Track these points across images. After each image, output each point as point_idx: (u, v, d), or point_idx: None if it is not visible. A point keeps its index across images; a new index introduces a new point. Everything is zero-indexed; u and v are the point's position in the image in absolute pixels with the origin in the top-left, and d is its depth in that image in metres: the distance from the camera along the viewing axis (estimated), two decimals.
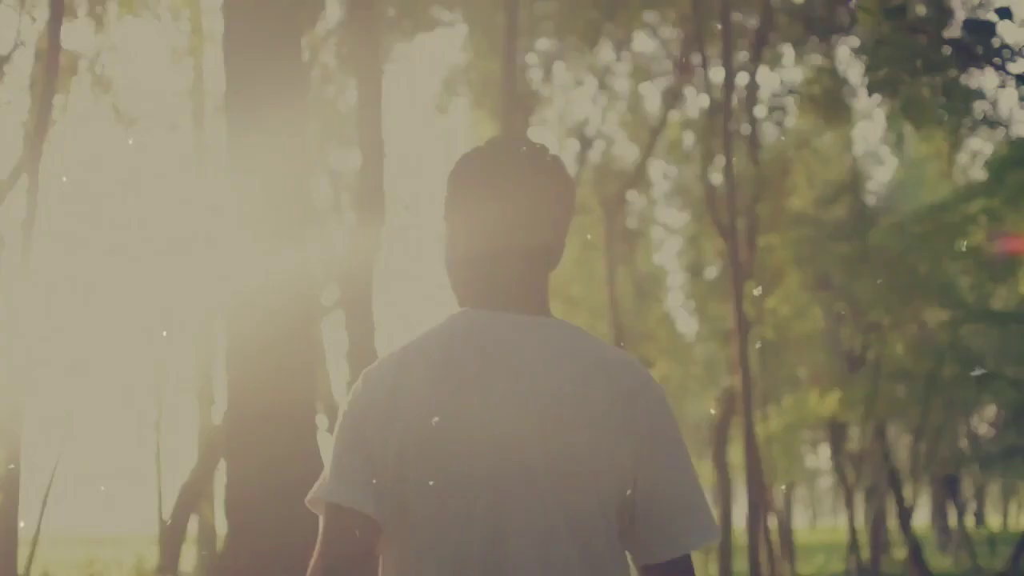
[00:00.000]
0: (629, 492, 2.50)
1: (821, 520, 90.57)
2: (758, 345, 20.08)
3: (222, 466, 17.51)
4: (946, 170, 22.92)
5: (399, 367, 2.51)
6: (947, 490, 36.59)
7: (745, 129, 21.41)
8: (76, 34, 20.71)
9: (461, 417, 2.43)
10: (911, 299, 16.92)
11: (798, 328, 21.36)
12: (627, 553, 2.55)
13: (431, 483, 2.42)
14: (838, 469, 23.41)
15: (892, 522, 40.53)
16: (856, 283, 17.20)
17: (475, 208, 2.60)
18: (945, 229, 15.07)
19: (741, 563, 29.61)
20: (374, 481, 2.47)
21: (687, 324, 36.11)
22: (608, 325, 24.38)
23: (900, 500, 24.84)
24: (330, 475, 2.50)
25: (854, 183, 19.63)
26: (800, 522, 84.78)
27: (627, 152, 28.02)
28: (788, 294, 17.56)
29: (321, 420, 23.37)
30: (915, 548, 23.27)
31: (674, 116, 25.34)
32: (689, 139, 27.65)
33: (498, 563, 2.40)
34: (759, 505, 9.04)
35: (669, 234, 32.28)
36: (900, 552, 36.44)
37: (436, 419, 2.42)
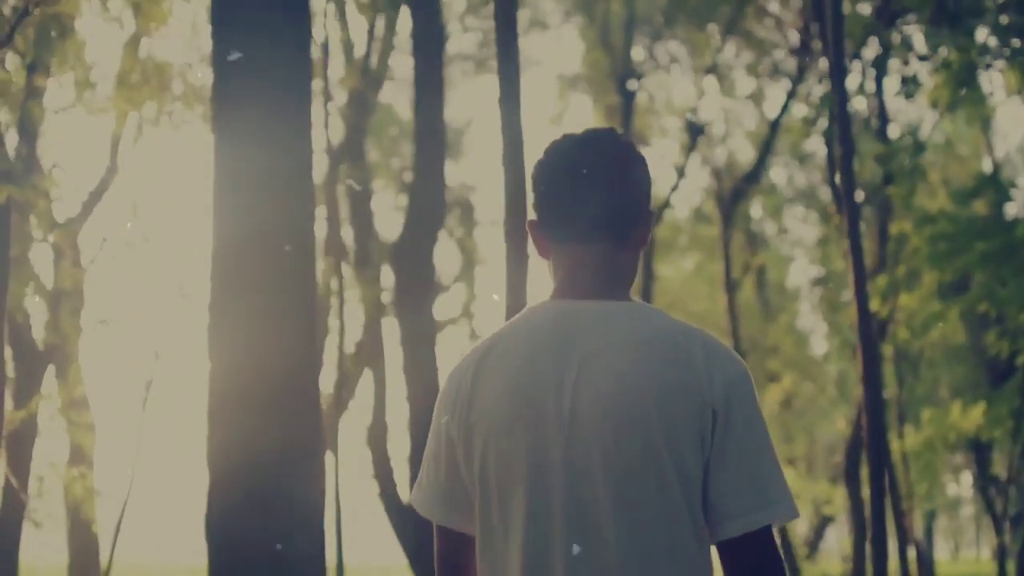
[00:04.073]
0: (705, 468, 2.51)
1: (964, 552, 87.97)
2: (889, 350, 18.37)
3: None
4: None
5: (478, 366, 2.62)
6: None
7: (872, 107, 19.95)
8: (169, 44, 19.99)
9: (535, 407, 2.51)
10: None
11: (936, 336, 20.03)
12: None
13: (505, 475, 2.52)
14: (983, 494, 21.80)
15: None
16: (1001, 284, 15.59)
17: (541, 209, 2.70)
18: None
19: None
20: (463, 489, 2.62)
21: (818, 341, 34.57)
22: (727, 337, 22.92)
23: None
24: (427, 484, 2.71)
25: (994, 179, 17.89)
26: (941, 553, 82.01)
27: (744, 151, 26.66)
28: (924, 296, 15.83)
29: None
30: None
31: (796, 110, 23.72)
32: (813, 141, 26.14)
33: (580, 559, 2.45)
34: (879, 533, 7.34)
35: (795, 244, 30.66)
36: None
37: (509, 411, 2.52)
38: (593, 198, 2.63)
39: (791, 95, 20.59)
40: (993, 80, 27.79)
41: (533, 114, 75.23)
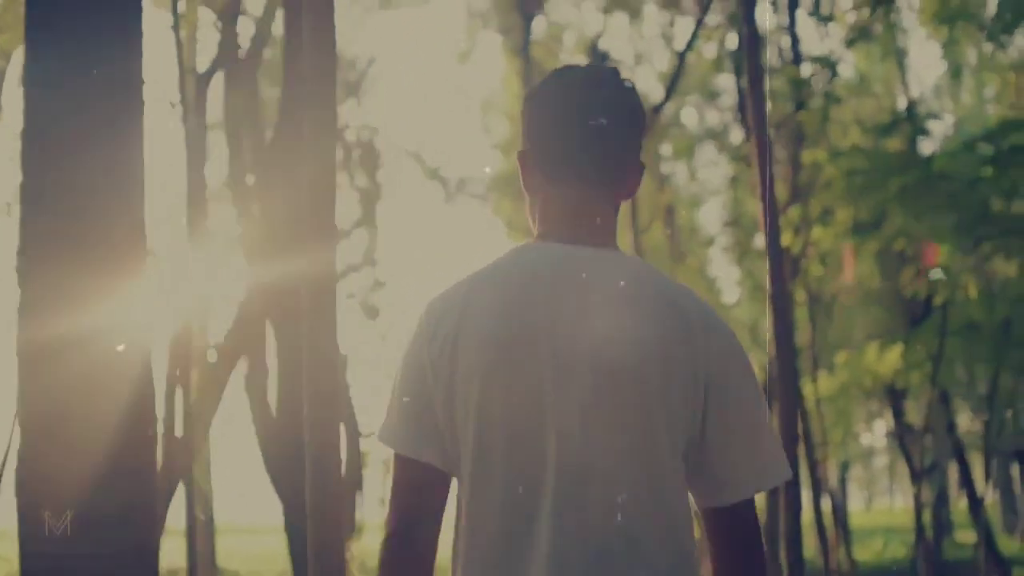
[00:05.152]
0: (697, 431, 2.52)
1: (877, 501, 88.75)
2: (802, 295, 17.61)
3: None
4: (1015, 100, 20.57)
5: (465, 297, 2.55)
6: (1019, 465, 34.19)
7: (784, 44, 19.21)
8: None
9: (530, 353, 2.47)
10: (983, 238, 14.70)
11: (850, 279, 19.37)
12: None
13: (497, 421, 2.47)
14: (899, 443, 21.20)
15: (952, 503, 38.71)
16: (919, 221, 14.89)
17: (540, 143, 2.64)
18: None
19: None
20: (437, 423, 2.54)
21: (730, 289, 34.01)
22: None
23: (967, 478, 22.93)
24: (397, 418, 2.59)
25: (911, 113, 17.22)
26: (855, 503, 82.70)
27: (653, 90, 25.83)
28: (839, 233, 15.04)
29: None
30: (987, 531, 20.78)
31: (705, 46, 22.90)
32: (722, 79, 25.48)
33: (568, 502, 2.44)
34: (790, 484, 6.44)
35: (706, 189, 29.95)
36: (964, 535, 34.44)
37: (503, 357, 2.47)
38: (604, 140, 2.60)
39: (699, 24, 19.72)
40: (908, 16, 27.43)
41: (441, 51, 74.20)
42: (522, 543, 2.49)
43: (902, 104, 24.45)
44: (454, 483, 2.63)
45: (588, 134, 2.60)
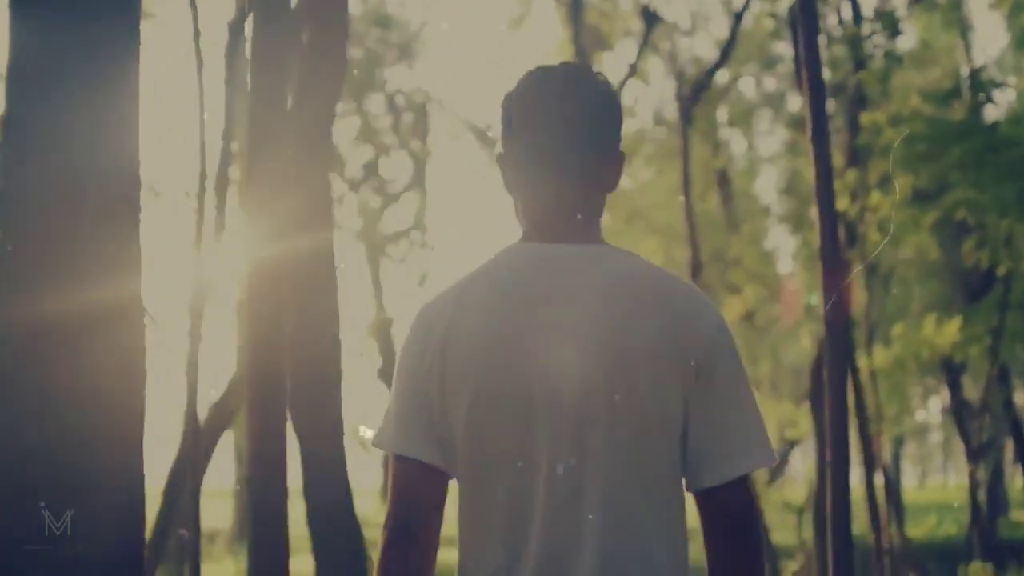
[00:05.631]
0: (686, 416, 2.56)
1: (931, 478, 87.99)
2: (857, 262, 17.14)
3: None
4: None
5: (455, 302, 2.59)
6: None
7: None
8: None
9: (519, 353, 2.51)
10: None
11: (908, 250, 18.91)
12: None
13: (489, 423, 2.52)
14: (957, 419, 20.72)
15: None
16: (981, 190, 14.45)
17: (518, 142, 2.68)
18: None
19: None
20: (434, 424, 2.59)
21: (786, 260, 33.54)
22: (686, 246, 21.70)
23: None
24: (392, 420, 2.65)
25: (975, 79, 16.72)
26: (908, 480, 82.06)
27: (708, 52, 25.45)
28: (898, 202, 14.57)
29: None
30: None
31: (762, 14, 22.40)
32: (780, 46, 24.98)
33: (562, 498, 2.49)
34: (841, 457, 6.08)
35: (763, 157, 29.43)
36: (1019, 514, 33.94)
37: (493, 357, 2.52)
38: (577, 136, 2.63)
39: None
40: None
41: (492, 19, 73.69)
42: (516, 542, 2.53)
43: (964, 74, 23.93)
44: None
45: (563, 132, 2.63)
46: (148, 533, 17.55)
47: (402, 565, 2.60)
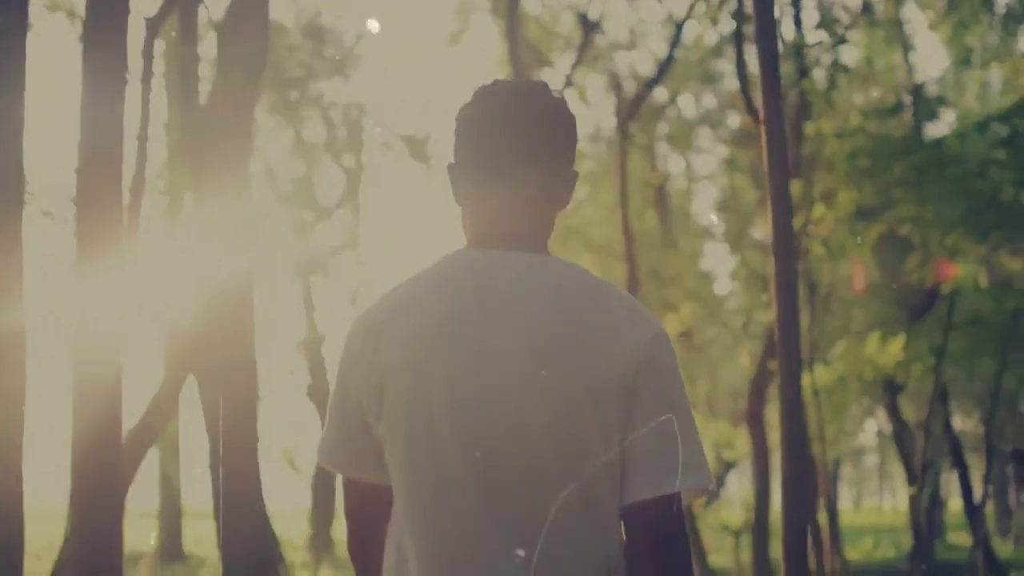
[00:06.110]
0: (621, 430, 2.50)
1: (865, 501, 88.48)
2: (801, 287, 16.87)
3: None
4: None
5: (387, 313, 2.56)
6: (1014, 467, 33.49)
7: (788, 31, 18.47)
8: None
9: (453, 364, 2.47)
10: (992, 228, 14.02)
11: (848, 270, 18.69)
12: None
13: (422, 431, 2.47)
14: (897, 440, 20.53)
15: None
16: (925, 208, 14.22)
17: (466, 149, 2.66)
18: None
19: (778, 548, 26.47)
20: (370, 440, 2.58)
21: (722, 282, 33.43)
22: (623, 263, 21.42)
23: (965, 479, 22.30)
24: (333, 439, 2.64)
25: (919, 94, 16.60)
26: (844, 503, 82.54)
27: (646, 68, 25.22)
28: (841, 217, 14.32)
29: None
30: (984, 534, 20.14)
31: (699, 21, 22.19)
32: (719, 63, 24.86)
33: (494, 520, 2.44)
34: (796, 477, 5.68)
35: (701, 173, 29.28)
36: (956, 537, 33.89)
37: (427, 369, 2.47)
38: (526, 148, 2.62)
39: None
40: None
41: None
42: (451, 548, 2.47)
43: (906, 92, 23.92)
44: None
45: (515, 143, 2.63)
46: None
47: (369, 571, 2.70)
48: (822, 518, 16.83)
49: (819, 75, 15.23)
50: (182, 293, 15.78)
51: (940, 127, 19.11)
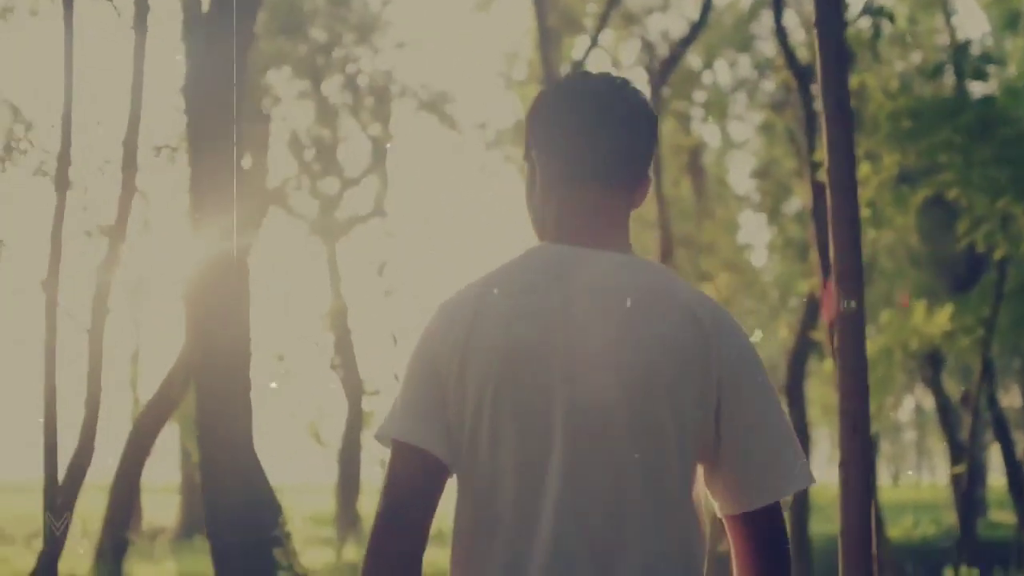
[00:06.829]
0: (712, 437, 2.53)
1: (904, 477, 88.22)
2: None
3: None
4: None
5: (478, 299, 2.55)
6: None
7: None
8: None
9: (541, 360, 2.48)
10: None
11: (891, 239, 18.19)
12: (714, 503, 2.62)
13: (506, 423, 2.48)
14: (941, 415, 19.97)
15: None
16: (972, 171, 13.70)
17: (558, 143, 2.65)
18: None
19: (818, 523, 25.78)
20: (446, 419, 2.54)
21: (760, 254, 33.00)
22: (656, 230, 21.13)
23: (1011, 455, 21.69)
24: (400, 410, 2.57)
25: (959, 56, 16.03)
26: (883, 479, 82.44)
27: (676, 27, 24.82)
28: (885, 181, 13.73)
29: None
30: None
31: None
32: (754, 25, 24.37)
33: (571, 509, 2.45)
34: (856, 449, 5.14)
35: (736, 139, 28.71)
36: (999, 515, 33.43)
37: (515, 364, 2.48)
38: (620, 144, 2.63)
39: None
40: None
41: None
42: (523, 550, 2.47)
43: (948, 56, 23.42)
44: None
45: (616, 143, 2.63)
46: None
47: (394, 555, 2.51)
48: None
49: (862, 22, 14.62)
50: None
51: (988, 87, 18.53)
